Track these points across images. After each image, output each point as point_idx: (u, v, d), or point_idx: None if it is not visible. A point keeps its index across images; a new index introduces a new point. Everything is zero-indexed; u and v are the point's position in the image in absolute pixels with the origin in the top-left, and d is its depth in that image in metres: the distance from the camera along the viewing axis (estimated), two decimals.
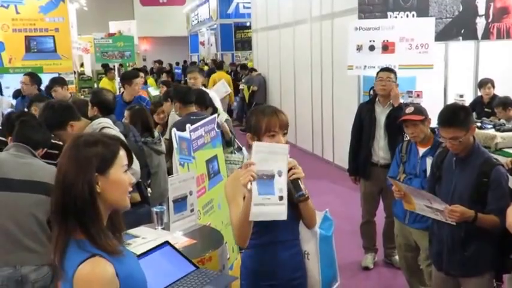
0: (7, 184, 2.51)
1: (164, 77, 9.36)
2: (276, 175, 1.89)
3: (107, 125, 3.05)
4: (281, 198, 1.89)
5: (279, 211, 1.89)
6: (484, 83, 6.36)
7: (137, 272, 1.52)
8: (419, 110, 3.26)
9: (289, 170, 1.94)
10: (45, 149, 2.82)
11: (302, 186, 1.98)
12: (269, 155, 1.88)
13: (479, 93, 6.56)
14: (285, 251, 2.11)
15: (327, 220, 2.33)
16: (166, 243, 2.09)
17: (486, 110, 6.19)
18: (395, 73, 4.22)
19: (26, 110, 4.60)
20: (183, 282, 1.89)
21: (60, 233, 1.41)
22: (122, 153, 1.51)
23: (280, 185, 1.89)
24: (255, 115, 2.10)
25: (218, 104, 5.37)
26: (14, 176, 2.53)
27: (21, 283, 2.49)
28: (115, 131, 3.02)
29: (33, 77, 5.85)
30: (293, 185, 1.98)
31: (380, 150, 4.17)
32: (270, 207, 1.88)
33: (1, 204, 2.50)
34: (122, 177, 1.49)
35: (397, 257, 4.20)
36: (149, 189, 3.79)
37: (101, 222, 1.44)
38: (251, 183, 1.84)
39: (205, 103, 4.57)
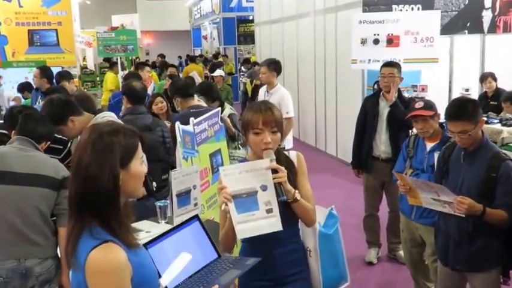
0: (11, 177, 2.51)
1: (173, 71, 9.28)
2: (259, 190, 1.89)
3: (111, 119, 3.04)
4: (269, 211, 1.90)
5: (269, 223, 1.92)
6: (484, 78, 6.31)
7: (148, 262, 1.51)
8: (430, 105, 3.17)
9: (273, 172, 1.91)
10: (49, 143, 2.81)
11: (285, 190, 1.93)
12: (242, 174, 1.89)
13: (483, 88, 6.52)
14: (279, 248, 2.07)
15: (332, 217, 2.26)
16: (196, 218, 2.08)
17: (491, 103, 6.14)
18: (398, 66, 4.18)
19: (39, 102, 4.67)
20: (206, 271, 1.87)
21: (76, 224, 1.40)
22: (139, 145, 1.51)
23: (267, 198, 1.90)
24: (246, 110, 2.05)
25: None
26: (17, 170, 2.52)
27: (25, 276, 2.49)
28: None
29: (43, 70, 5.97)
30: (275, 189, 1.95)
31: (381, 145, 4.18)
32: (256, 222, 1.91)
33: (6, 197, 2.49)
34: (140, 168, 1.49)
35: (401, 252, 4.19)
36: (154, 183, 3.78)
37: (121, 214, 1.43)
38: (227, 205, 1.87)
39: (212, 96, 4.61)
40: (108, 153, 1.41)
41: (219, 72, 10.10)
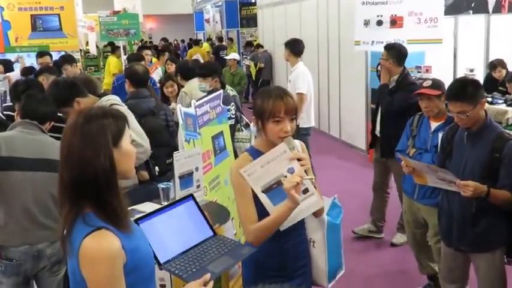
0: (23, 163, 2.52)
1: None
2: (288, 175, 1.84)
3: (115, 102, 3.05)
4: (305, 191, 1.87)
5: (309, 204, 1.89)
6: (493, 67, 6.21)
7: (144, 245, 1.52)
8: (438, 85, 3.12)
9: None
10: (52, 123, 2.81)
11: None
12: (265, 167, 1.84)
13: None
14: (288, 242, 2.04)
15: (336, 207, 2.25)
16: (191, 196, 2.04)
17: (500, 88, 6.08)
18: (390, 50, 4.16)
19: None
20: (200, 249, 1.83)
21: (71, 210, 1.40)
22: (127, 125, 1.52)
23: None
24: (261, 97, 1.97)
25: None
26: (27, 155, 2.53)
27: (37, 258, 2.54)
28: (124, 107, 3.02)
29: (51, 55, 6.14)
30: None
31: (378, 124, 4.28)
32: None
33: (23, 183, 2.51)
34: (130, 146, 1.51)
35: (398, 234, 4.28)
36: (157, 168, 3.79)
37: (120, 195, 1.44)
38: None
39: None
40: (100, 134, 1.41)
41: (233, 55, 9.99)
